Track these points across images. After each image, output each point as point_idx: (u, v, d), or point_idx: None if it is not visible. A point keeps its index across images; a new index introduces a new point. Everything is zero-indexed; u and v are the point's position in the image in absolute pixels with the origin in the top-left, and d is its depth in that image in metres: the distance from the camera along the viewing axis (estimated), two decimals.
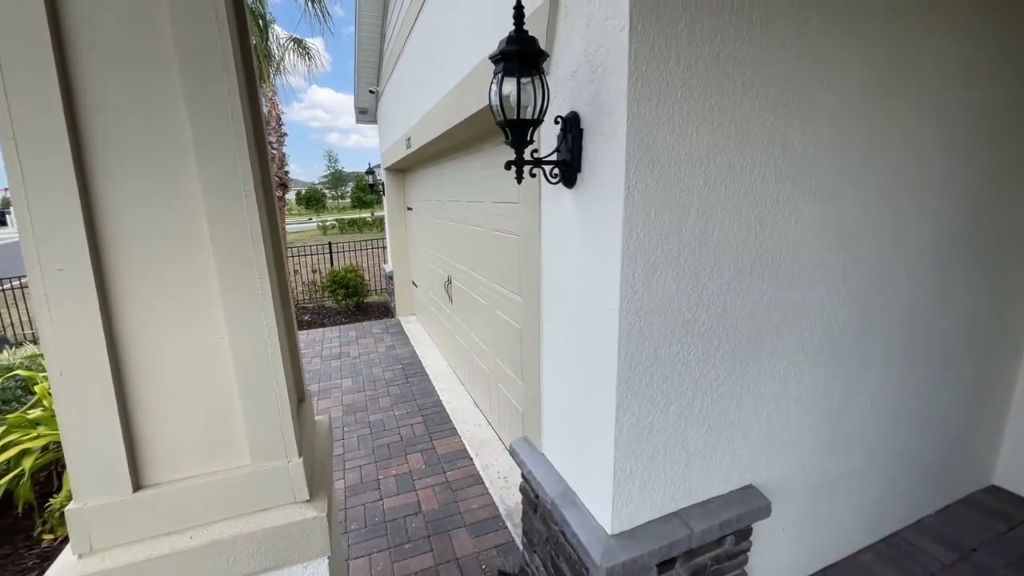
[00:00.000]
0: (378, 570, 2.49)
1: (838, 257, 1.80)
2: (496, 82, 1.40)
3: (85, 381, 0.87)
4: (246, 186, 0.92)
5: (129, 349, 0.91)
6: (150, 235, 0.90)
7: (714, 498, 1.79)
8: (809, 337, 1.83)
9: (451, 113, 3.06)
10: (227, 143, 0.90)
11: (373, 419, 4.22)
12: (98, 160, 0.85)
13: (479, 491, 3.14)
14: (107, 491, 0.92)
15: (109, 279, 0.88)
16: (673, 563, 1.68)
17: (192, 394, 0.96)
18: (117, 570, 0.91)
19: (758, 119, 1.49)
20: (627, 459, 1.57)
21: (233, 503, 1.01)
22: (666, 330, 1.52)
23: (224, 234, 0.92)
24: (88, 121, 0.83)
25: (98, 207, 0.85)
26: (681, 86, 1.36)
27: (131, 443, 0.93)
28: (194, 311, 0.94)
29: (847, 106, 1.65)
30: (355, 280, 8.35)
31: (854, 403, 2.05)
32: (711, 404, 1.68)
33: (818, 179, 1.66)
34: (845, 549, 2.28)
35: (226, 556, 0.98)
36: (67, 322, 0.85)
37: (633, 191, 1.36)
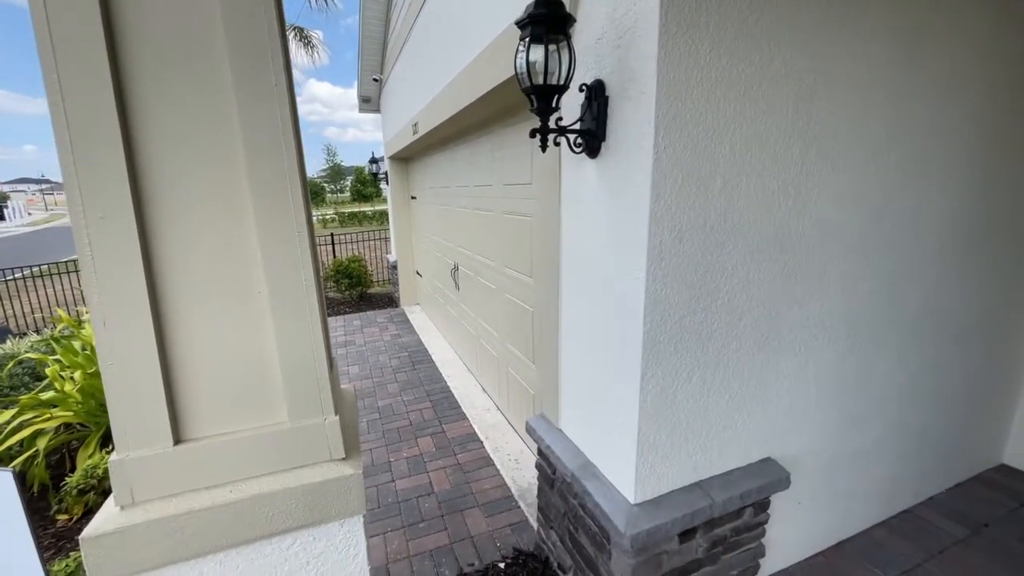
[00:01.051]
0: (393, 548, 2.50)
1: (859, 230, 1.79)
2: (523, 47, 1.39)
3: (127, 332, 0.87)
4: (285, 133, 0.91)
5: (169, 302, 0.91)
6: (191, 187, 0.89)
7: (734, 469, 1.79)
8: (828, 311, 1.83)
9: (462, 94, 3.04)
10: (267, 92, 0.89)
11: (382, 404, 4.22)
12: (138, 100, 0.84)
13: (491, 472, 3.15)
14: (148, 443, 0.92)
15: (151, 230, 0.88)
16: (694, 533, 1.69)
17: (231, 348, 0.96)
18: (159, 521, 0.91)
19: (784, 87, 1.49)
20: (651, 428, 1.57)
21: (272, 459, 1.01)
22: (691, 298, 1.52)
23: (262, 180, 0.91)
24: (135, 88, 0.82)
25: (138, 153, 0.85)
26: (710, 51, 1.35)
27: (171, 396, 0.93)
28: (234, 266, 0.94)
29: (873, 76, 1.64)
30: (358, 270, 8.33)
31: (870, 380, 2.06)
32: (732, 375, 1.68)
33: (842, 150, 1.66)
34: (859, 524, 2.30)
35: (267, 510, 0.99)
36: (110, 272, 0.85)
37: (661, 156, 1.36)
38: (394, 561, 2.40)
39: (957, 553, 2.16)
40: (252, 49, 0.87)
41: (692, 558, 1.73)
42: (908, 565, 2.10)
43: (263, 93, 0.89)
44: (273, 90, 0.90)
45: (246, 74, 0.87)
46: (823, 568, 2.10)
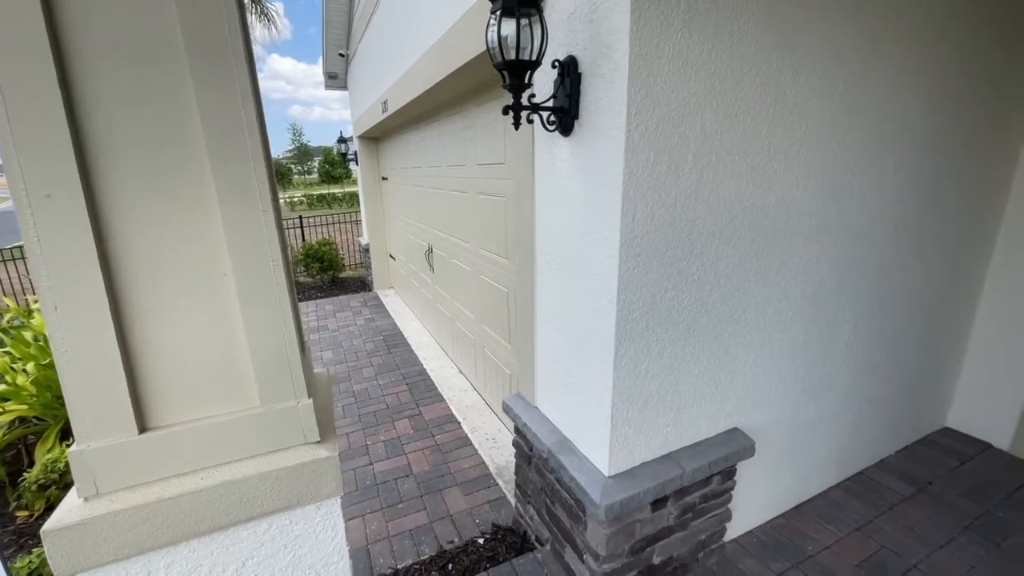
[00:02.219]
0: (372, 529, 2.52)
1: (823, 207, 1.86)
2: (494, 20, 1.35)
3: (82, 317, 0.83)
4: (246, 107, 0.87)
5: (127, 286, 0.86)
6: (147, 166, 0.84)
7: (703, 440, 1.87)
8: (793, 286, 1.90)
9: (433, 70, 2.95)
10: (224, 64, 0.84)
11: (357, 388, 4.19)
12: (83, 71, 0.78)
13: (469, 452, 3.18)
14: (111, 433, 0.88)
15: (103, 210, 0.83)
16: (665, 501, 1.77)
17: (197, 333, 0.93)
18: (125, 512, 0.88)
19: (754, 64, 1.50)
20: (624, 404, 1.61)
21: (245, 444, 0.99)
22: (662, 276, 1.55)
23: (223, 158, 0.87)
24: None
25: (87, 126, 0.79)
26: (682, 27, 1.35)
27: (134, 384, 0.89)
28: (197, 248, 0.90)
29: (836, 55, 1.68)
30: (330, 254, 8.13)
31: (830, 351, 2.16)
32: (702, 350, 1.73)
33: (808, 128, 1.70)
34: (818, 487, 2.44)
35: (240, 496, 0.97)
36: (59, 254, 0.80)
37: (634, 134, 1.36)
38: (374, 542, 2.42)
39: (904, 509, 2.33)
40: (206, 16, 0.82)
41: (664, 525, 1.81)
42: (860, 522, 2.26)
43: (221, 67, 0.84)
44: (231, 64, 0.85)
45: (201, 43, 0.82)
46: (782, 528, 2.23)
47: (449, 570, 2.21)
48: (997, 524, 2.22)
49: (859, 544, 2.14)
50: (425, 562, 2.27)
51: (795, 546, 2.14)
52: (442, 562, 2.26)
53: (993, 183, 2.48)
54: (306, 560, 1.09)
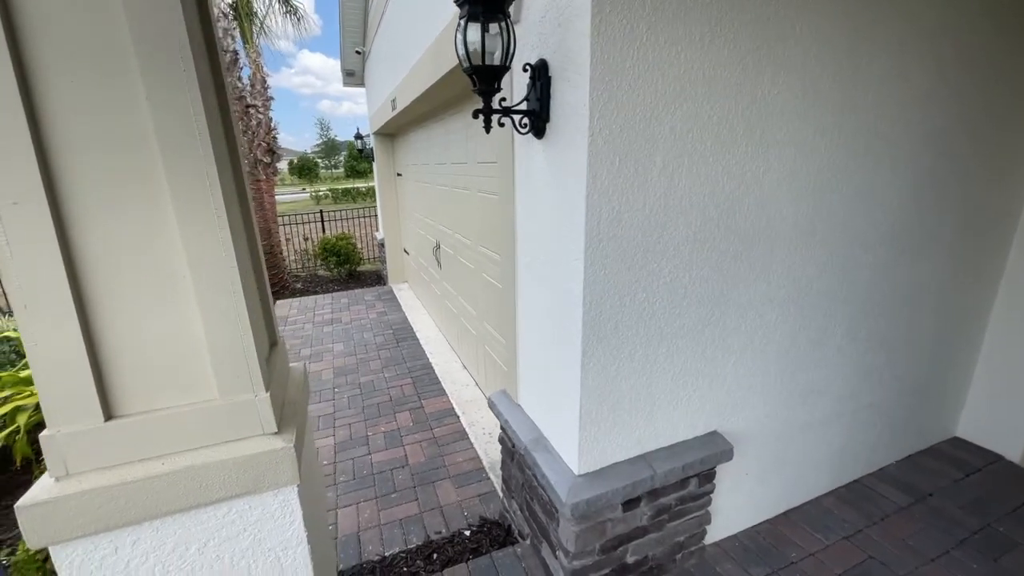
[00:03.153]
0: (365, 517, 2.60)
1: (807, 209, 1.82)
2: (461, 27, 1.38)
3: (48, 314, 0.90)
4: (197, 118, 0.92)
5: (91, 284, 0.94)
6: (107, 174, 0.91)
7: (679, 443, 1.87)
8: (776, 289, 1.87)
9: (430, 71, 3.00)
10: (176, 79, 0.90)
11: (363, 380, 4.31)
12: (44, 89, 0.85)
13: (464, 446, 3.25)
14: (78, 420, 0.96)
15: (67, 212, 0.90)
16: (638, 502, 1.78)
17: (157, 328, 1.00)
18: (92, 491, 0.97)
19: (726, 67, 1.49)
20: (593, 403, 1.63)
21: (204, 433, 1.06)
22: (631, 279, 1.56)
23: (175, 166, 0.93)
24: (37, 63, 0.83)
25: (49, 138, 0.86)
26: (647, 31, 1.35)
27: (99, 375, 0.97)
28: (155, 250, 0.97)
29: (822, 54, 1.63)
30: (347, 248, 8.32)
31: (820, 355, 2.12)
32: (676, 352, 1.73)
33: (789, 129, 1.67)
34: (808, 493, 2.40)
35: (200, 481, 1.04)
36: (27, 257, 0.87)
37: (597, 138, 1.37)
38: (365, 529, 2.51)
39: (897, 519, 2.27)
40: (157, 35, 0.87)
41: (637, 525, 1.82)
42: (849, 531, 2.21)
43: (172, 79, 0.90)
44: (182, 75, 0.90)
45: (152, 60, 0.88)
46: (767, 534, 2.20)
47: (433, 560, 2.27)
48: (997, 539, 2.14)
49: (845, 553, 2.10)
50: (411, 551, 2.34)
51: (778, 552, 2.12)
52: (428, 552, 2.32)
53: (1008, 184, 2.36)
54: (266, 543, 1.16)
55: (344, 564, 2.27)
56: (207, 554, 1.11)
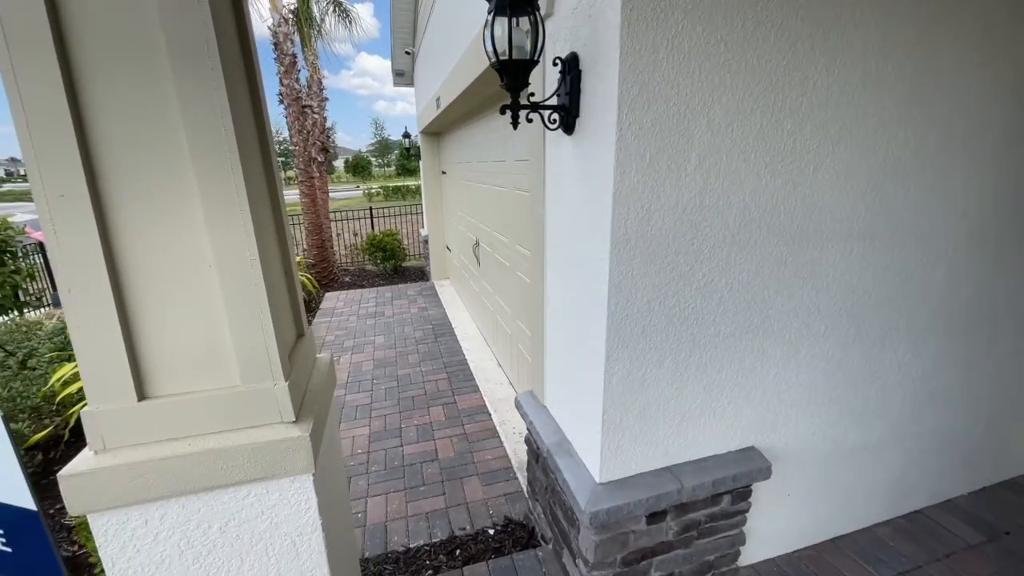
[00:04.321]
0: (393, 508, 2.66)
1: (865, 212, 1.66)
2: (488, 22, 1.36)
3: (90, 298, 0.97)
4: (224, 118, 0.96)
5: (126, 273, 1.00)
6: (142, 171, 0.96)
7: (711, 456, 1.76)
8: (826, 299, 1.72)
9: (471, 68, 3.01)
10: (206, 78, 0.94)
11: (401, 373, 4.41)
12: (87, 93, 0.91)
13: (494, 444, 3.25)
14: (115, 399, 1.03)
15: (106, 207, 0.96)
16: (663, 515, 1.70)
17: (185, 316, 1.05)
18: (125, 466, 1.03)
19: (773, 55, 1.38)
20: (617, 410, 1.57)
21: (226, 418, 1.11)
22: (661, 281, 1.48)
23: (204, 165, 0.97)
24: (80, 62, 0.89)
25: (90, 136, 0.92)
26: (683, 18, 1.27)
27: (134, 357, 1.03)
28: (184, 242, 1.01)
29: (888, 39, 1.48)
30: (392, 244, 8.57)
31: (877, 372, 1.93)
32: (710, 361, 1.63)
33: (845, 123, 1.52)
34: (860, 521, 2.20)
35: (220, 463, 1.09)
36: (71, 244, 0.94)
37: (626, 133, 1.31)
38: (392, 520, 2.56)
39: (965, 559, 2.04)
40: (187, 40, 0.91)
41: (662, 540, 1.74)
42: (906, 567, 2.01)
43: (200, 79, 0.94)
44: (209, 74, 0.94)
45: (182, 61, 0.92)
46: (810, 560, 2.04)
47: (456, 555, 2.29)
48: None
49: None
50: (435, 545, 2.37)
51: None
52: (451, 547, 2.34)
53: None
54: (282, 527, 1.19)
55: (370, 552, 2.33)
56: (228, 533, 1.16)
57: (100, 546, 1.08)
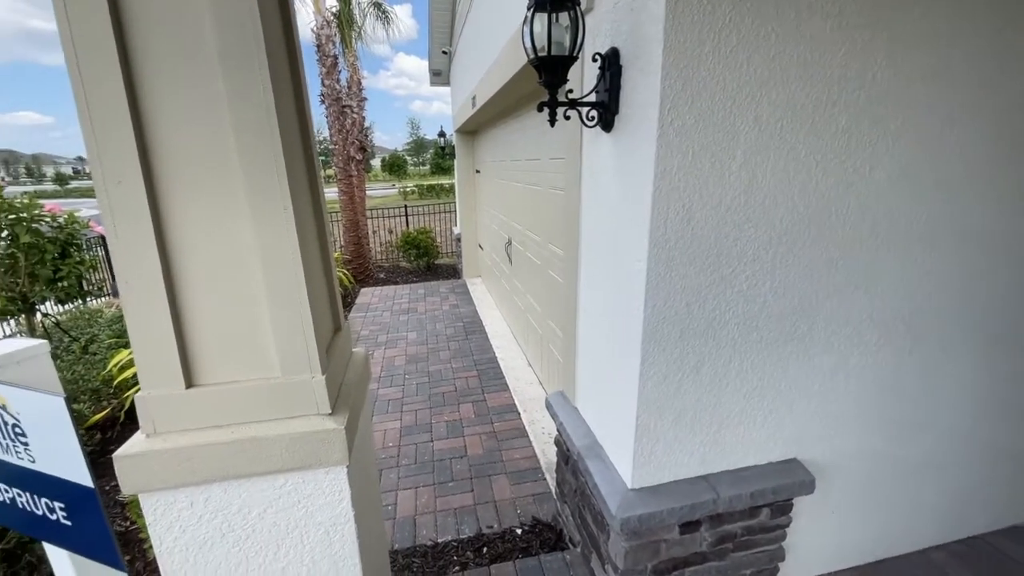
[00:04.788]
0: (422, 502, 2.70)
1: (927, 214, 1.55)
2: (528, 18, 1.34)
3: (145, 289, 1.02)
4: (269, 115, 0.99)
5: (177, 265, 1.04)
6: (190, 166, 1.00)
7: (750, 467, 1.69)
8: (880, 306, 1.62)
9: (508, 66, 3.00)
10: (254, 85, 0.97)
11: (432, 369, 4.47)
12: (144, 90, 0.96)
13: (523, 443, 3.24)
14: (166, 385, 1.08)
15: (158, 194, 1.00)
16: (697, 525, 1.64)
17: (230, 309, 1.08)
18: (173, 450, 1.08)
19: (828, 47, 1.30)
20: (651, 415, 1.53)
21: (266, 408, 1.14)
22: (701, 284, 1.43)
23: (251, 163, 1.00)
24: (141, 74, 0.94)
25: (145, 126, 0.97)
26: (730, 10, 1.22)
27: (182, 346, 1.08)
28: (230, 237, 1.05)
29: (957, 27, 1.37)
30: (426, 241, 8.70)
31: (936, 386, 1.80)
32: (751, 368, 1.56)
33: (907, 118, 1.43)
34: (912, 543, 2.07)
35: (261, 451, 1.12)
36: (127, 233, 0.99)
37: (668, 130, 1.27)
38: (421, 514, 2.60)
39: None
40: (237, 42, 0.94)
41: (695, 550, 1.68)
42: None
43: (248, 78, 0.97)
44: (257, 74, 0.97)
45: (231, 59, 0.95)
46: None
47: (483, 553, 2.29)
48: None
49: None
50: (463, 541, 2.38)
51: None
52: (478, 544, 2.35)
53: None
54: (316, 517, 1.22)
55: (399, 544, 2.37)
56: (266, 519, 1.20)
57: (149, 524, 1.13)
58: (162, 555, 1.16)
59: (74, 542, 1.22)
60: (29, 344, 1.16)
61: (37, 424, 1.09)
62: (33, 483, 1.18)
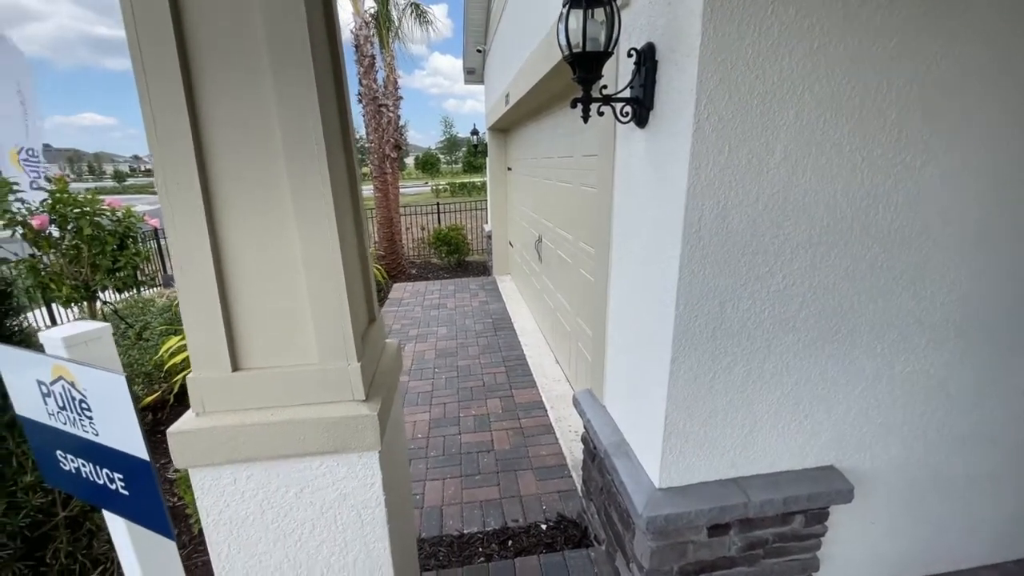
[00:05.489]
0: (449, 493, 2.75)
1: (984, 214, 1.46)
2: (563, 15, 1.35)
3: (198, 277, 1.09)
4: (314, 123, 1.03)
5: (226, 255, 1.11)
6: (240, 163, 1.06)
7: (784, 472, 1.65)
8: (929, 308, 1.54)
9: (541, 63, 3.00)
10: (300, 93, 1.01)
11: (461, 364, 4.53)
12: (201, 103, 1.02)
13: (549, 440, 3.25)
14: (215, 367, 1.15)
15: (212, 195, 1.07)
16: (726, 529, 1.61)
17: (273, 297, 1.14)
18: (220, 428, 1.15)
19: (878, 38, 1.25)
20: (680, 414, 1.51)
21: (305, 392, 1.20)
22: (736, 282, 1.40)
23: (295, 164, 1.05)
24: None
25: (202, 133, 1.03)
26: (771, 1, 1.18)
27: (230, 332, 1.14)
28: (275, 233, 1.11)
29: (1019, 14, 1.29)
30: (457, 238, 8.80)
31: (991, 395, 1.70)
32: (787, 370, 1.52)
33: (962, 112, 1.35)
34: (959, 561, 1.96)
35: (299, 434, 1.18)
36: (184, 228, 1.06)
37: (704, 124, 1.25)
38: (448, 504, 2.65)
39: None
40: (289, 54, 0.99)
41: (723, 554, 1.65)
42: None
43: (295, 80, 1.01)
44: (304, 75, 1.01)
45: (280, 64, 1.00)
46: None
47: (508, 546, 2.32)
48: None
49: None
50: (488, 533, 2.41)
51: None
52: (503, 537, 2.38)
53: None
54: (349, 499, 1.27)
55: (426, 533, 2.42)
56: (303, 499, 1.26)
57: (198, 498, 1.21)
58: (208, 527, 1.24)
59: (131, 511, 1.31)
60: (95, 327, 1.26)
61: (100, 400, 1.18)
62: (96, 455, 1.28)
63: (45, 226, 3.42)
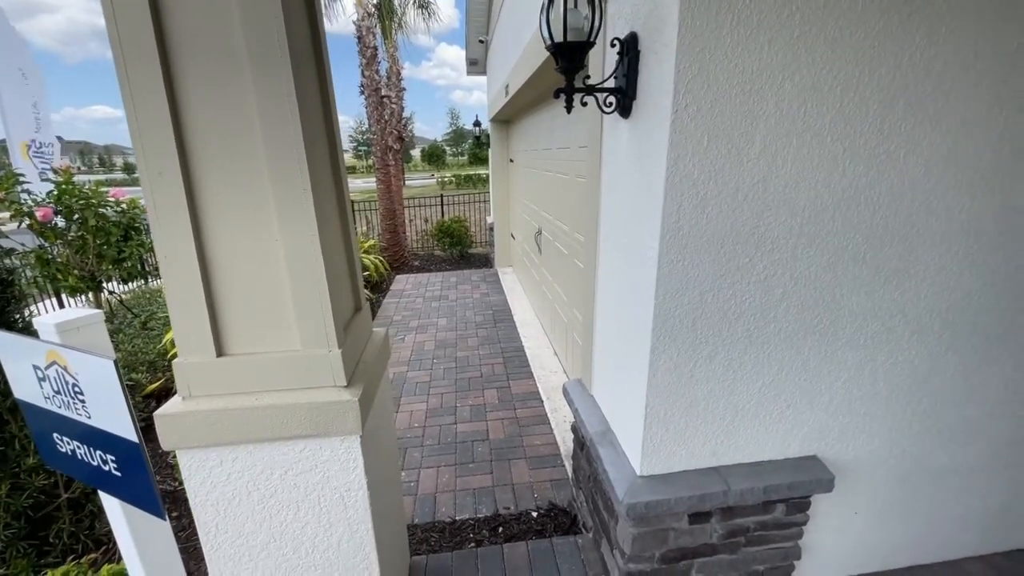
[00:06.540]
0: (443, 480, 2.79)
1: (971, 204, 1.45)
2: (544, 5, 1.35)
3: (181, 265, 1.12)
4: (291, 109, 1.05)
5: (209, 243, 1.14)
6: (220, 153, 1.09)
7: (765, 461, 1.66)
8: (913, 299, 1.54)
9: (538, 54, 2.99)
10: (279, 90, 1.03)
11: (460, 355, 4.57)
12: (181, 93, 1.04)
13: (544, 430, 3.28)
14: (199, 352, 1.19)
15: (193, 184, 1.10)
16: (708, 516, 1.63)
17: (255, 285, 1.17)
18: (205, 411, 1.19)
19: (859, 25, 1.24)
20: (661, 403, 1.52)
21: (288, 378, 1.23)
22: (715, 272, 1.40)
23: (275, 151, 1.07)
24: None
25: (183, 124, 1.05)
26: None
27: (214, 318, 1.18)
28: (255, 222, 1.13)
29: (1009, 5, 1.27)
30: (459, 230, 8.82)
31: (977, 387, 1.70)
32: (768, 360, 1.53)
33: (949, 101, 1.34)
34: (945, 552, 1.97)
35: (282, 418, 1.21)
36: (167, 217, 1.09)
37: (682, 115, 1.25)
38: (441, 492, 2.69)
39: None
40: (262, 40, 1.01)
41: (705, 542, 1.67)
42: None
43: (270, 70, 1.03)
44: (281, 69, 1.03)
45: (256, 55, 1.02)
46: None
47: (498, 532, 2.36)
48: None
49: None
50: (480, 520, 2.45)
51: None
52: (494, 524, 2.42)
53: None
54: (332, 482, 1.31)
55: (419, 519, 2.47)
56: (287, 481, 1.30)
57: (185, 479, 1.25)
58: (196, 508, 1.28)
59: (123, 491, 1.36)
60: (87, 313, 1.29)
61: (92, 384, 1.22)
62: (90, 437, 1.32)
63: (49, 218, 3.49)
